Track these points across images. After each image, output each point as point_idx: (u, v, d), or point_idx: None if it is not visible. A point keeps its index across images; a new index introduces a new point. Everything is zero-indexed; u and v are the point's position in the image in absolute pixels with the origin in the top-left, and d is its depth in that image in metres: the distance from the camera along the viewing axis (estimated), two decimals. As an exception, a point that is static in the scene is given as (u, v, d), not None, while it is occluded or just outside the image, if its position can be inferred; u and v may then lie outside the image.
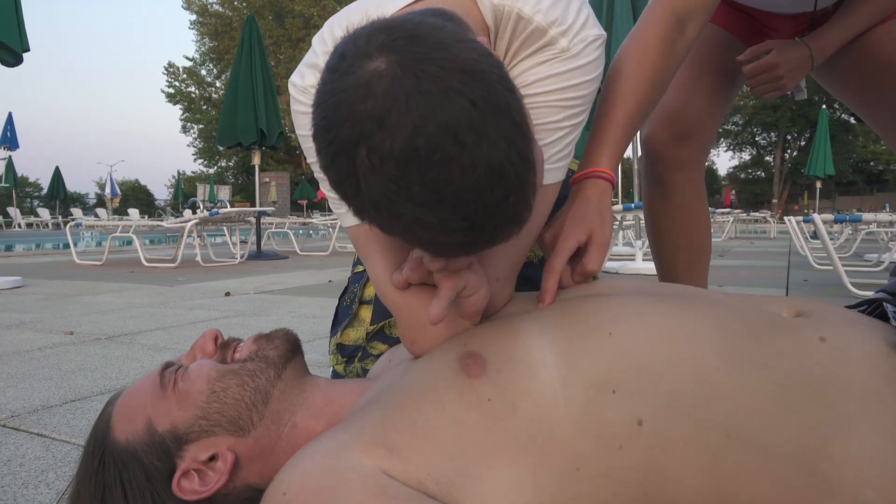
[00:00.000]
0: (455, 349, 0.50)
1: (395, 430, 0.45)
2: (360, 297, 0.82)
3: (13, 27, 2.98)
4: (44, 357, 1.45)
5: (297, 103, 0.60)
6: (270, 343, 0.56)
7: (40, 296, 2.68)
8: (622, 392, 0.44)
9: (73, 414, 1.02)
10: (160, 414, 0.51)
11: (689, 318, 0.48)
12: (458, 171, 0.39)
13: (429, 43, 0.40)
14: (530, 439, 0.44)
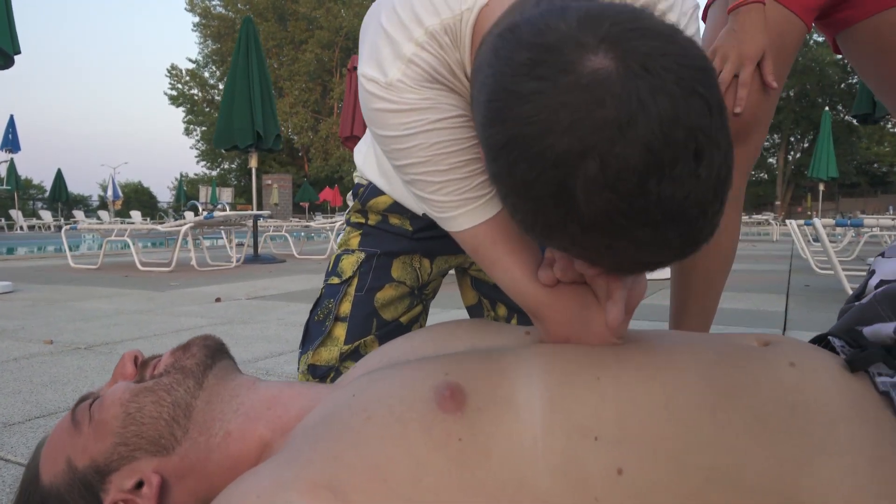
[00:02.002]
0: (433, 377, 0.45)
1: (346, 468, 0.40)
2: (335, 313, 0.77)
3: (4, 29, 2.96)
4: (17, 368, 1.41)
5: (380, 100, 0.52)
6: (187, 353, 0.52)
7: (28, 301, 2.65)
8: (604, 439, 0.40)
9: (35, 432, 0.97)
10: (77, 450, 0.48)
11: (673, 360, 0.44)
12: (692, 184, 0.35)
13: (659, 35, 0.35)
14: (499, 488, 0.39)
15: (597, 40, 0.34)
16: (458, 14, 0.49)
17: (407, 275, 0.78)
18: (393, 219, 0.79)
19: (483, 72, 0.40)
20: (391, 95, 0.51)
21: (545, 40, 0.36)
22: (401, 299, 0.79)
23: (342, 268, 0.79)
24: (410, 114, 0.51)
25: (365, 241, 0.79)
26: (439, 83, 0.52)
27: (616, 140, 0.33)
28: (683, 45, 0.35)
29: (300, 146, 29.45)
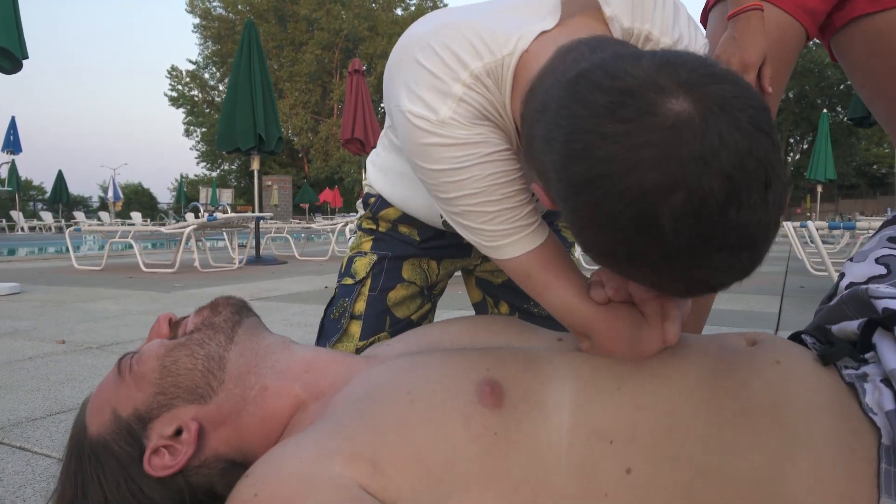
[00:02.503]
0: (476, 371, 0.49)
1: (387, 446, 0.44)
2: (350, 311, 0.82)
3: (13, 34, 3.01)
4: (34, 367, 1.46)
5: (431, 135, 0.54)
6: (214, 310, 0.57)
7: (37, 302, 2.69)
8: (618, 442, 0.45)
9: (57, 426, 1.02)
10: (122, 400, 0.52)
11: (679, 368, 0.49)
12: (762, 211, 0.38)
13: (728, 79, 0.39)
14: (523, 479, 0.44)
15: (675, 85, 0.38)
16: (500, 59, 0.53)
17: (417, 276, 0.83)
18: (402, 228, 0.83)
19: (555, 113, 0.43)
20: (443, 131, 0.53)
21: (625, 85, 0.39)
22: (412, 298, 0.83)
23: (355, 269, 0.83)
24: (464, 147, 0.54)
25: (377, 246, 0.84)
26: (489, 120, 0.55)
27: (702, 173, 0.37)
28: (748, 89, 0.39)
29: (300, 147, 29.48)
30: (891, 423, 0.41)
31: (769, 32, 0.95)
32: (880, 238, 0.65)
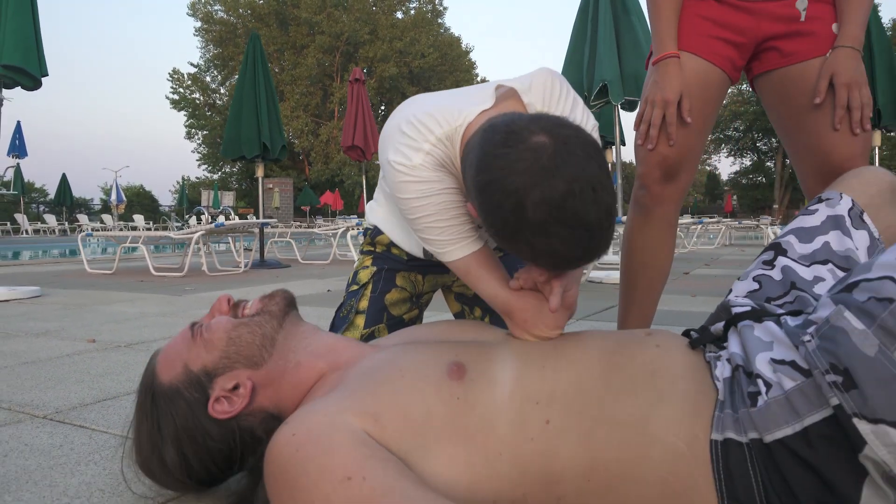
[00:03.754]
0: (448, 357, 0.68)
1: (384, 405, 0.62)
2: (356, 308, 1.05)
3: (33, 54, 3.20)
4: (72, 363, 1.65)
5: (405, 176, 0.81)
6: (272, 301, 0.76)
7: (59, 305, 2.88)
8: (542, 402, 0.64)
9: (107, 410, 1.21)
10: (193, 358, 0.71)
11: (587, 350, 0.69)
12: (593, 207, 0.62)
13: (572, 128, 0.65)
14: (476, 430, 0.62)
15: (539, 128, 0.64)
16: (454, 127, 0.80)
17: (407, 284, 1.07)
18: (394, 249, 1.08)
19: (473, 149, 0.69)
20: (414, 173, 0.80)
21: (511, 128, 0.65)
22: (404, 302, 1.07)
23: (360, 278, 1.08)
24: (426, 184, 0.81)
25: (376, 261, 1.09)
26: (445, 168, 0.82)
27: (551, 175, 0.61)
28: (584, 132, 0.66)
29: (301, 150, 29.66)
30: (724, 386, 0.61)
31: (691, 77, 1.15)
32: (758, 261, 0.84)
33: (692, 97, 1.15)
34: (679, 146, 1.16)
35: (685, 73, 1.15)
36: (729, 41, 1.16)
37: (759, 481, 0.56)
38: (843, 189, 0.85)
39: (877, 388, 0.51)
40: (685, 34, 1.18)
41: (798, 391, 0.55)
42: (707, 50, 1.16)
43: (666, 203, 1.20)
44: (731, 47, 1.16)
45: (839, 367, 0.53)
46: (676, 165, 1.17)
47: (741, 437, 0.57)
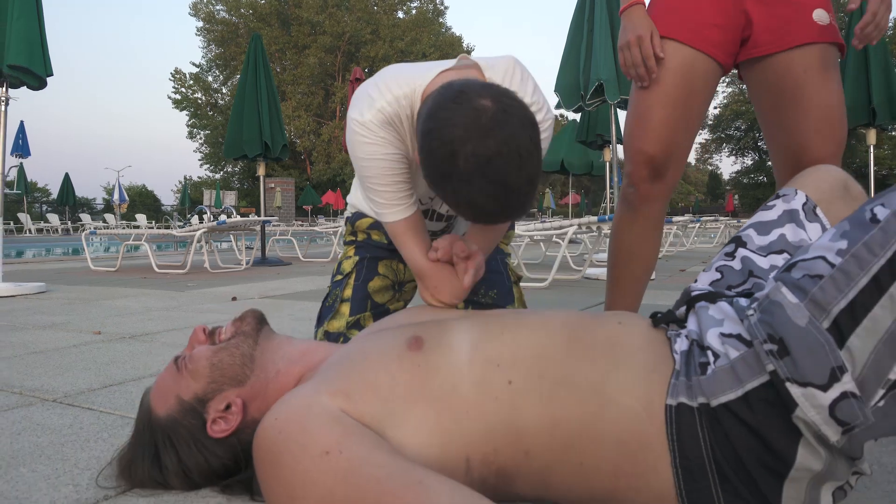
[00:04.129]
0: (407, 333, 0.74)
1: (352, 381, 0.68)
2: (341, 297, 1.10)
3: (38, 55, 3.26)
4: (79, 353, 1.71)
5: (355, 133, 0.90)
6: (244, 322, 0.82)
7: (64, 300, 2.95)
8: (503, 365, 0.69)
9: (113, 395, 1.27)
10: (183, 389, 0.76)
11: (549, 321, 0.74)
12: (516, 167, 0.70)
13: (514, 99, 0.74)
14: (441, 393, 0.68)
15: (488, 95, 0.72)
16: (413, 88, 0.89)
17: (389, 272, 1.13)
18: (374, 235, 1.13)
19: (427, 101, 0.77)
20: (363, 130, 0.88)
21: (464, 90, 0.73)
22: (387, 289, 1.12)
23: (343, 268, 1.14)
24: (373, 146, 0.89)
25: (358, 251, 1.14)
26: (392, 126, 0.89)
27: (486, 135, 0.69)
28: (527, 109, 0.74)
29: (302, 150, 29.74)
30: (681, 358, 0.66)
31: (675, 68, 1.16)
32: (721, 253, 0.90)
33: (670, 90, 1.16)
34: (665, 145, 1.18)
35: (669, 64, 1.16)
36: (718, 25, 1.15)
37: (706, 442, 0.62)
38: (799, 186, 0.90)
39: (806, 355, 0.56)
40: (677, 20, 1.17)
41: (741, 360, 0.61)
42: (693, 36, 1.15)
43: (653, 201, 1.22)
44: (721, 31, 1.15)
45: (775, 337, 0.59)
46: (663, 164, 1.19)
47: (692, 402, 0.63)
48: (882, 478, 0.82)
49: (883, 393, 0.56)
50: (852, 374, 0.56)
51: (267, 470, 0.63)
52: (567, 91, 3.67)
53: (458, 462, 0.66)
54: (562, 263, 4.78)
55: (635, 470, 0.64)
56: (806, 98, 1.12)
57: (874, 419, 0.56)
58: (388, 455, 0.60)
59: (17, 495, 0.79)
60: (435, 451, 0.65)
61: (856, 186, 0.91)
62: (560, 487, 0.67)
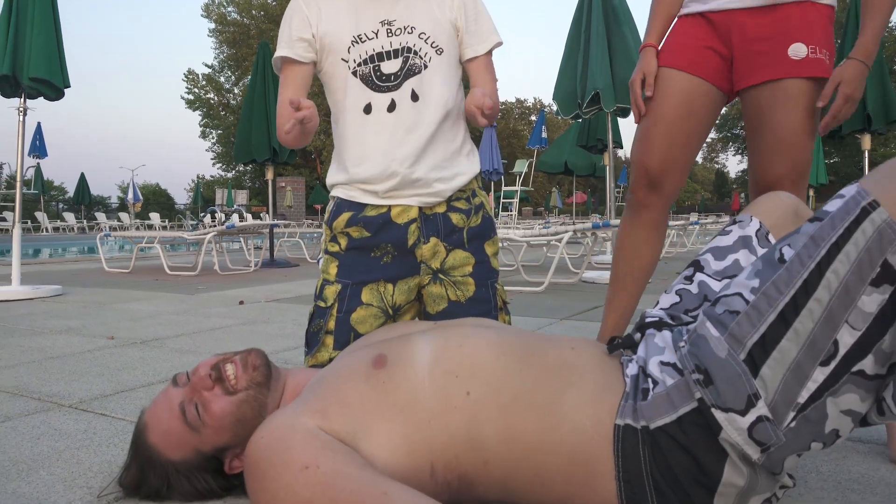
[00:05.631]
0: (373, 352, 0.82)
1: (327, 401, 0.76)
2: (325, 328, 1.10)
3: (57, 67, 3.39)
4: (93, 358, 1.82)
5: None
6: (256, 372, 0.86)
7: (80, 303, 3.07)
8: (461, 377, 0.76)
9: (124, 401, 1.37)
10: (204, 442, 0.82)
11: (507, 339, 0.81)
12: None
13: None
14: (405, 405, 0.75)
15: None
16: None
17: (374, 298, 1.10)
18: (353, 232, 1.11)
19: None
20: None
21: None
22: (374, 317, 1.09)
23: (326, 295, 1.11)
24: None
25: (341, 272, 1.11)
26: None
27: None
28: None
29: (312, 149, 29.95)
30: (631, 382, 0.73)
31: (674, 92, 1.28)
32: (681, 276, 0.97)
33: (670, 110, 1.28)
34: (663, 160, 1.29)
35: (670, 89, 1.29)
36: (717, 51, 1.27)
37: (646, 460, 0.69)
38: (754, 212, 0.97)
39: (726, 384, 0.64)
40: (672, 52, 1.31)
41: (675, 387, 0.68)
42: (691, 64, 1.27)
43: (652, 208, 1.34)
44: (719, 58, 1.27)
45: (701, 368, 0.66)
46: (660, 176, 1.31)
47: (636, 423, 0.70)
48: (817, 485, 0.89)
49: (793, 415, 0.63)
50: (765, 401, 0.63)
51: (254, 482, 0.72)
52: (565, 99, 3.74)
53: (423, 468, 0.74)
54: (560, 266, 4.84)
55: (585, 480, 0.72)
56: (769, 125, 1.21)
57: (786, 439, 0.63)
58: (358, 468, 0.69)
59: (38, 496, 0.88)
60: (403, 458, 0.73)
61: (806, 211, 0.97)
62: (517, 493, 0.75)
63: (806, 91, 1.19)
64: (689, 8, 1.31)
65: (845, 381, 0.61)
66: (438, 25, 1.15)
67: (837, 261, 0.61)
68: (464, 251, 1.14)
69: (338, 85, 1.15)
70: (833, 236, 0.62)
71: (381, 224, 1.11)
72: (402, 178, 1.09)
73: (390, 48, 1.12)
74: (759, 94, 1.23)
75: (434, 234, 1.12)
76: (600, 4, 3.54)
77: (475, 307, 1.12)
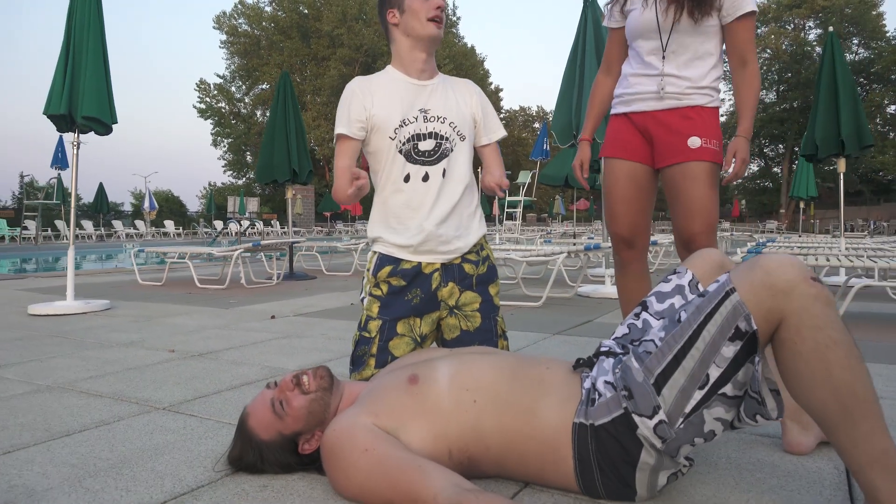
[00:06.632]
0: (408, 371, 1.18)
1: (377, 406, 1.13)
2: (369, 352, 1.48)
3: (106, 106, 3.80)
4: (165, 369, 2.19)
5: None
6: (323, 380, 1.22)
7: (130, 318, 3.46)
8: (471, 390, 1.12)
9: (205, 405, 1.74)
10: (285, 428, 1.18)
11: (501, 363, 1.17)
12: None
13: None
14: (431, 409, 1.11)
15: None
16: None
17: (406, 329, 1.49)
18: (393, 281, 1.48)
19: None
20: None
21: None
22: (406, 344, 1.48)
23: (370, 328, 1.47)
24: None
25: (382, 311, 1.49)
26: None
27: None
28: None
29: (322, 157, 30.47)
30: (585, 393, 1.08)
31: (620, 176, 1.74)
32: (632, 313, 1.32)
33: (623, 191, 1.75)
34: (630, 228, 1.76)
35: (619, 174, 1.75)
36: (642, 141, 1.73)
37: (592, 447, 1.04)
38: (688, 265, 1.32)
39: (641, 398, 0.99)
40: (613, 145, 1.77)
41: (611, 399, 1.04)
42: (627, 152, 1.74)
43: (634, 262, 1.81)
44: (646, 145, 1.73)
45: (627, 387, 1.02)
46: (631, 239, 1.78)
47: (587, 422, 1.06)
48: (724, 467, 1.24)
49: (682, 420, 0.98)
50: (664, 410, 0.98)
51: (330, 460, 1.09)
52: (561, 130, 4.16)
53: (444, 452, 1.10)
54: (558, 279, 5.19)
55: (553, 460, 1.07)
56: (681, 196, 1.66)
57: (677, 435, 0.99)
58: (400, 450, 1.05)
59: (171, 472, 1.25)
60: (429, 445, 1.10)
61: (730, 264, 1.33)
62: (508, 469, 1.11)
63: (704, 170, 1.63)
64: (616, 109, 1.76)
65: (714, 399, 0.97)
66: (462, 117, 1.53)
67: (710, 324, 0.96)
68: (473, 292, 1.51)
69: (383, 157, 1.51)
70: (708, 308, 0.97)
71: (414, 275, 1.50)
72: (429, 234, 1.47)
73: (426, 131, 1.50)
74: (672, 173, 1.67)
75: (451, 279, 1.50)
76: (593, 45, 3.91)
77: (481, 335, 1.50)
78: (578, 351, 2.42)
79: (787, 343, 0.92)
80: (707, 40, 1.62)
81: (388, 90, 1.50)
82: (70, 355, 2.43)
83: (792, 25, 33.89)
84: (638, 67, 1.70)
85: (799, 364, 0.91)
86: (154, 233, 21.24)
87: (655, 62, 1.65)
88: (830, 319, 0.90)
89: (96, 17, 3.78)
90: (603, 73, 1.87)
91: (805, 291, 0.90)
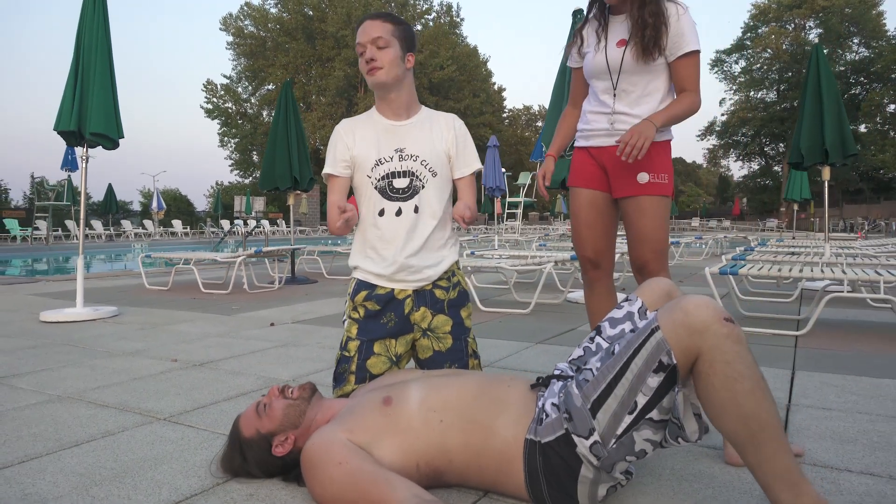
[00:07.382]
0: (383, 393, 1.31)
1: (353, 423, 1.26)
2: (349, 370, 1.61)
3: (113, 122, 3.96)
4: (167, 379, 2.34)
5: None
6: (304, 391, 1.38)
7: (136, 325, 3.62)
8: (438, 411, 1.25)
9: (203, 415, 1.88)
10: (263, 425, 1.34)
11: (466, 382, 1.31)
12: None
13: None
14: (402, 428, 1.24)
15: None
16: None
17: (382, 349, 1.62)
18: (369, 305, 1.62)
19: None
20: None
21: None
22: (383, 363, 1.61)
23: (349, 348, 1.61)
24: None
25: (360, 332, 1.63)
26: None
27: None
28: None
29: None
30: (538, 411, 1.21)
31: (583, 204, 1.89)
32: (587, 337, 1.45)
33: (587, 217, 1.89)
34: (595, 250, 1.91)
35: (581, 201, 1.89)
36: (601, 171, 1.87)
37: (539, 461, 1.17)
38: (639, 293, 1.44)
39: (579, 421, 1.12)
40: (576, 175, 1.91)
41: (556, 419, 1.17)
42: (588, 182, 1.89)
43: (600, 281, 1.95)
44: (604, 175, 1.87)
45: (568, 410, 1.14)
46: (597, 260, 1.92)
47: (536, 438, 1.18)
48: (666, 478, 1.37)
49: (614, 441, 1.11)
50: (598, 432, 1.11)
51: (308, 471, 1.22)
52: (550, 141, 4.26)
53: (412, 465, 1.24)
54: (551, 284, 5.30)
55: (507, 471, 1.20)
56: (633, 227, 1.82)
57: (610, 454, 1.11)
58: (371, 464, 1.18)
59: (169, 482, 1.39)
60: (399, 459, 1.23)
61: (676, 292, 1.45)
62: (469, 480, 1.24)
63: (653, 203, 1.78)
64: (578, 143, 1.91)
65: (643, 423, 1.09)
66: (436, 154, 1.67)
67: (637, 357, 1.09)
68: (445, 315, 1.64)
69: (362, 192, 1.67)
70: (636, 343, 1.10)
71: (388, 300, 1.63)
72: (402, 265, 1.60)
73: (401, 169, 1.63)
74: (625, 205, 1.83)
75: (423, 304, 1.63)
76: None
77: (452, 355, 1.63)
78: (557, 360, 2.54)
79: (702, 375, 1.04)
80: (655, 78, 1.75)
81: (368, 131, 1.66)
82: (80, 364, 2.58)
83: (792, 25, 33.80)
84: (594, 105, 1.85)
85: (711, 393, 1.03)
86: (162, 232, 21.53)
87: (608, 100, 1.79)
88: (740, 355, 1.02)
89: (103, 38, 3.93)
90: (570, 105, 2.02)
91: (717, 331, 1.02)
